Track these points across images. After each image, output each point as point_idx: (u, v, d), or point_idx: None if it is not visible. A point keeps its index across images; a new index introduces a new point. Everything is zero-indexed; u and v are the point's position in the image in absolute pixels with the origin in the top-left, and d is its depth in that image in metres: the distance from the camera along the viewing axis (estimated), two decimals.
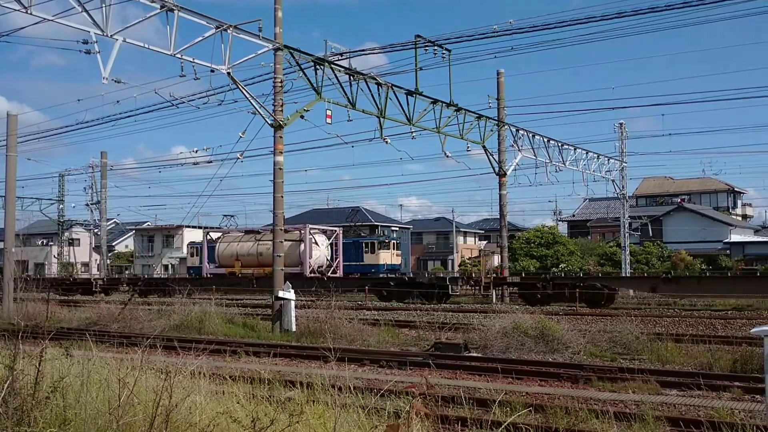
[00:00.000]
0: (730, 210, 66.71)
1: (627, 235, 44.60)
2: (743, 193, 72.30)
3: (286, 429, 4.57)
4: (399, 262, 43.75)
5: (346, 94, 23.39)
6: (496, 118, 33.27)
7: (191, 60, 19.15)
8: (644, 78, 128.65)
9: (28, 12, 16.37)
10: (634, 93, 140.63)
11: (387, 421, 5.16)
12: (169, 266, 65.85)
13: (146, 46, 18.61)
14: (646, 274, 42.17)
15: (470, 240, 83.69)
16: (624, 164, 43.87)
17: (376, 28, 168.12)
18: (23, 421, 5.32)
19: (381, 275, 38.07)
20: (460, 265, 65.29)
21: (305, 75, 22.04)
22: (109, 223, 63.32)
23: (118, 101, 39.66)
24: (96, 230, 62.88)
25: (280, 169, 21.12)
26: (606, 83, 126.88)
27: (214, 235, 44.46)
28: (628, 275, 40.55)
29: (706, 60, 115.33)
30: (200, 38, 19.28)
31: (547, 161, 35.73)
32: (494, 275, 33.12)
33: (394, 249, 42.45)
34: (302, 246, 37.24)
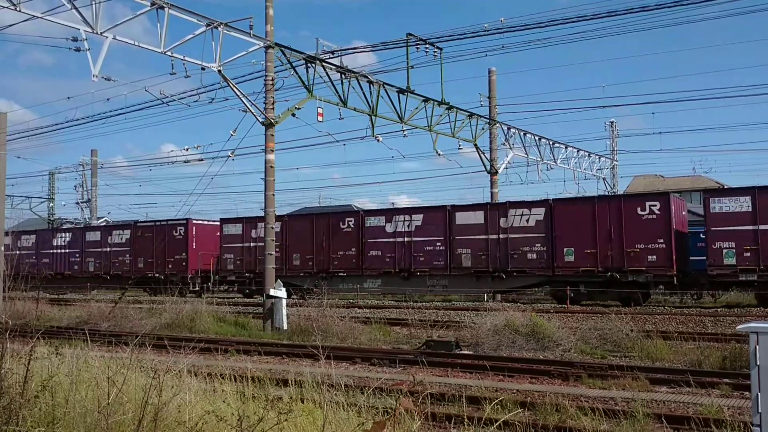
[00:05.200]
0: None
1: None
2: None
3: (274, 427, 4.57)
4: None
5: (337, 92, 23.38)
6: (487, 117, 33.33)
7: (182, 58, 19.09)
8: (635, 76, 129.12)
9: (17, 9, 16.28)
10: (624, 91, 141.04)
11: (376, 419, 5.16)
12: None
13: (136, 43, 18.54)
14: None
15: None
16: (615, 162, 44.05)
17: (366, 27, 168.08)
18: (11, 420, 5.30)
19: None
20: None
21: (296, 73, 22.02)
22: (99, 221, 63.03)
23: (108, 99, 39.75)
24: None
25: (272, 167, 21.09)
26: (597, 82, 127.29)
27: None
28: None
29: (697, 58, 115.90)
30: (191, 36, 19.22)
31: (539, 159, 35.83)
32: None
33: None
34: None
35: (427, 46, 26.88)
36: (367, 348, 15.95)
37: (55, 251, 43.25)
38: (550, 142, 36.72)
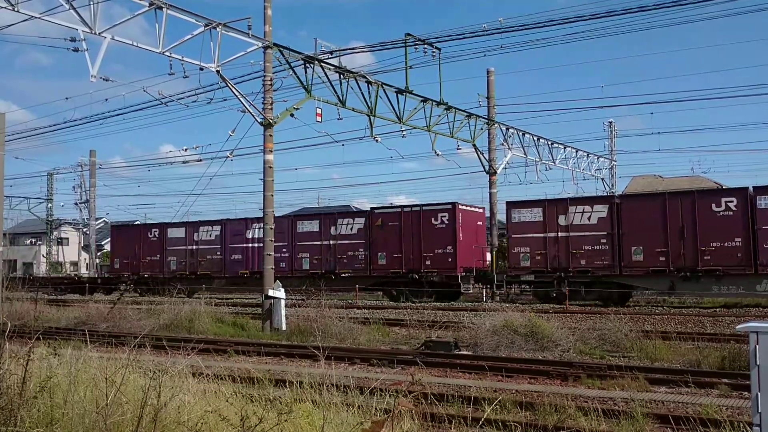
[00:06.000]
0: None
1: None
2: None
3: (274, 427, 4.56)
4: None
5: (336, 93, 23.38)
6: (486, 117, 33.33)
7: (180, 58, 19.08)
8: (633, 76, 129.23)
9: (15, 9, 16.26)
10: (623, 91, 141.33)
11: (375, 419, 5.16)
12: None
13: (135, 44, 18.53)
14: None
15: None
16: (613, 162, 44.11)
17: (365, 27, 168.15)
18: (10, 421, 5.29)
19: None
20: None
21: (295, 73, 22.03)
22: (98, 222, 62.96)
23: (106, 99, 39.80)
24: (85, 229, 62.66)
25: (270, 167, 21.08)
26: (595, 82, 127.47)
27: None
28: None
29: (695, 58, 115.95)
30: (189, 36, 19.21)
31: (537, 160, 35.86)
32: None
33: None
34: None
35: (426, 46, 26.89)
36: (365, 348, 15.94)
37: (250, 245, 35.13)
38: (549, 143, 36.75)
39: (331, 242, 32.55)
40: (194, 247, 37.00)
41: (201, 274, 36.59)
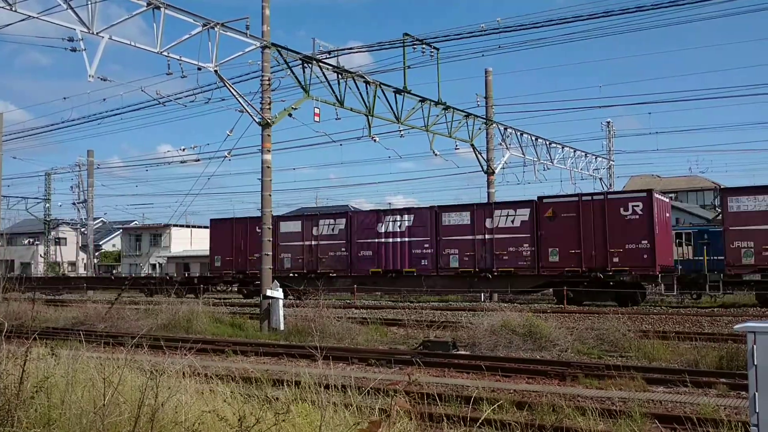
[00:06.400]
0: (717, 208, 67.14)
1: None
2: None
3: (272, 427, 4.55)
4: None
5: (334, 93, 23.37)
6: (484, 117, 33.32)
7: (178, 58, 19.05)
8: (631, 76, 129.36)
9: (13, 9, 16.23)
10: (621, 91, 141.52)
11: (372, 418, 5.15)
12: (157, 265, 65.53)
13: (132, 43, 18.51)
14: None
15: None
16: (611, 162, 44.13)
17: (363, 28, 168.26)
18: (7, 421, 5.28)
19: None
20: None
21: (293, 73, 22.00)
22: (96, 222, 62.94)
23: (104, 99, 39.71)
24: (83, 229, 62.64)
25: (268, 167, 21.07)
26: (593, 82, 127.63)
27: None
28: None
29: (693, 58, 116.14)
30: (187, 36, 19.19)
31: (535, 159, 35.86)
32: None
33: None
34: None
35: (424, 46, 26.89)
36: (363, 348, 15.93)
37: (383, 240, 31.17)
38: (547, 142, 36.76)
39: (487, 236, 28.39)
40: (313, 242, 33.11)
41: (321, 272, 32.54)
